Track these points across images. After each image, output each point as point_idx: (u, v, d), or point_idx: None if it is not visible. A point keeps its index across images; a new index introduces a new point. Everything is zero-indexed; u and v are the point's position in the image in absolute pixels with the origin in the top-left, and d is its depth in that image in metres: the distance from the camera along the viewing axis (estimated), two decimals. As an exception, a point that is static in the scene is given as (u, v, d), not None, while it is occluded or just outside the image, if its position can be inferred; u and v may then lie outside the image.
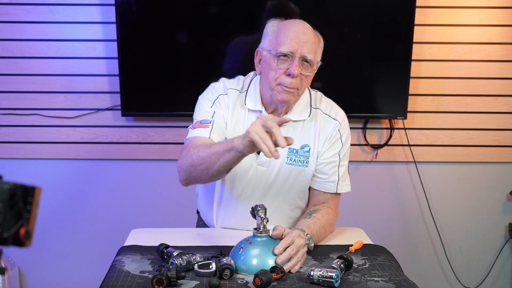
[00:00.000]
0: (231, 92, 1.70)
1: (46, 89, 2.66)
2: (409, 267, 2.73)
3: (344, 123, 1.73)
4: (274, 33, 1.61)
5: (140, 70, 2.58)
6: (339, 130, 1.71)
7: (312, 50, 1.57)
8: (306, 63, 1.58)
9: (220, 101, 1.69)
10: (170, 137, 2.71)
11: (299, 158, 1.68)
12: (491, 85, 2.72)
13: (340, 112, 1.74)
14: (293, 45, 1.55)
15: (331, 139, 1.70)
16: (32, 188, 0.81)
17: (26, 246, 0.81)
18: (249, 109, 1.68)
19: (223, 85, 1.72)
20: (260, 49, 1.66)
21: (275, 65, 1.58)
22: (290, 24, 1.60)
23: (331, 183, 1.72)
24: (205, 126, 1.63)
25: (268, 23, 1.66)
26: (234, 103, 1.69)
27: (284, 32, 1.58)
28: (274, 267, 1.37)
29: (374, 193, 2.85)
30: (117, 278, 1.37)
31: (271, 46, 1.59)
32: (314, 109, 1.71)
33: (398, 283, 1.37)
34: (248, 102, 1.68)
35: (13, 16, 2.58)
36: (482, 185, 2.85)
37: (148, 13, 2.54)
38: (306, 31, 1.58)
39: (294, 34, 1.56)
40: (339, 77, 2.61)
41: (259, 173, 1.68)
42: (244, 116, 1.68)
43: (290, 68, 1.55)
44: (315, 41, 1.60)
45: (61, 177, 2.76)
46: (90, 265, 2.83)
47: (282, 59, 1.57)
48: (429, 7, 2.63)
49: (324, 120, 1.70)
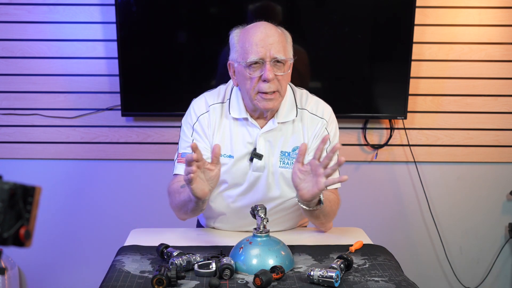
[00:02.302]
0: (213, 108, 1.69)
1: (46, 89, 2.66)
2: (409, 267, 2.73)
3: (330, 119, 1.72)
4: (239, 43, 1.59)
5: (140, 70, 2.58)
6: (326, 128, 1.70)
7: (280, 50, 1.55)
8: (279, 63, 1.56)
9: (201, 122, 1.68)
10: (170, 137, 2.71)
11: (291, 161, 1.67)
12: (491, 85, 2.72)
13: (326, 109, 1.72)
14: (260, 50, 1.53)
15: (318, 137, 1.69)
16: (32, 188, 0.81)
17: (26, 246, 0.81)
18: (233, 118, 1.67)
19: (205, 102, 1.70)
20: (231, 61, 1.64)
21: (248, 75, 1.56)
22: (252, 30, 1.58)
23: None
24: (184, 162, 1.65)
25: (231, 34, 1.64)
26: (218, 117, 1.68)
27: (248, 40, 1.56)
28: (274, 267, 1.37)
29: (374, 193, 2.85)
30: (117, 278, 1.37)
31: (240, 58, 1.58)
32: (300, 110, 1.70)
33: (398, 283, 1.37)
34: (232, 111, 1.67)
35: (13, 16, 2.58)
36: (482, 185, 2.85)
37: (148, 13, 2.54)
38: (270, 32, 1.56)
39: (258, 39, 1.54)
40: (339, 77, 2.62)
41: (255, 179, 1.68)
42: (229, 125, 1.67)
43: (263, 74, 1.54)
44: (281, 40, 1.58)
45: (61, 177, 2.76)
46: (90, 265, 2.83)
47: (253, 67, 1.56)
48: (429, 7, 2.63)
49: (311, 120, 1.69)
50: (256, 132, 1.65)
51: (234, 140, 1.66)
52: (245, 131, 1.66)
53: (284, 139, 1.67)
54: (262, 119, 1.67)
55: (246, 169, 1.67)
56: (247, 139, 1.66)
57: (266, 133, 1.65)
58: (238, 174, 1.67)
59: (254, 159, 1.64)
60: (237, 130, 1.66)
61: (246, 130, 1.66)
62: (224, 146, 1.66)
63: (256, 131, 1.65)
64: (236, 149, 1.66)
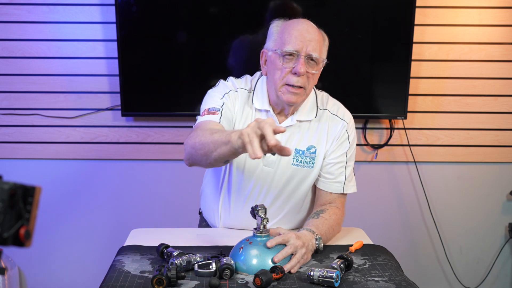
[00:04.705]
0: (241, 91, 1.70)
1: (46, 89, 2.66)
2: (409, 267, 2.73)
3: (351, 123, 1.74)
4: (278, 33, 1.61)
5: (140, 70, 2.58)
6: (347, 130, 1.71)
7: (317, 48, 1.57)
8: (312, 61, 1.58)
9: (231, 95, 1.68)
10: (170, 137, 2.71)
11: (305, 159, 1.68)
12: (491, 85, 2.72)
13: (347, 113, 1.75)
14: (298, 43, 1.55)
15: (339, 139, 1.70)
16: (32, 188, 0.81)
17: (26, 246, 0.81)
18: (256, 109, 1.68)
19: (233, 83, 1.72)
20: (265, 49, 1.66)
21: (281, 65, 1.58)
22: (294, 24, 1.60)
23: (337, 184, 1.72)
24: (214, 113, 1.63)
25: (272, 24, 1.66)
26: (243, 102, 1.69)
27: (289, 32, 1.58)
28: (274, 267, 1.37)
29: (374, 193, 2.85)
30: (117, 278, 1.37)
31: (276, 46, 1.59)
32: (321, 110, 1.72)
33: (398, 283, 1.37)
34: (255, 102, 1.68)
35: (13, 16, 2.58)
36: (482, 185, 2.85)
37: (148, 13, 2.54)
38: (311, 30, 1.58)
39: (299, 33, 1.57)
40: (339, 77, 2.61)
41: (265, 174, 1.69)
42: (252, 115, 1.68)
43: (296, 67, 1.55)
44: (320, 40, 1.60)
45: (61, 177, 2.76)
46: (90, 265, 2.83)
47: (287, 58, 1.57)
48: (429, 7, 2.63)
49: (332, 120, 1.71)
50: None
51: None
52: None
53: (300, 137, 1.68)
54: (283, 115, 1.68)
55: (258, 162, 1.67)
56: None
57: None
58: (249, 165, 1.67)
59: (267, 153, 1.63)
60: None
61: None
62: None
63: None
64: None
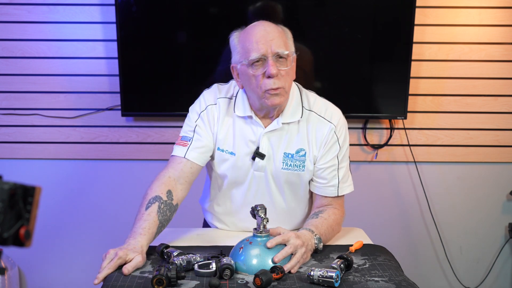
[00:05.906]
0: (221, 101, 1.69)
1: (46, 89, 2.66)
2: (409, 267, 2.73)
3: (340, 124, 1.67)
4: (239, 43, 1.59)
5: (140, 70, 2.58)
6: (336, 132, 1.66)
7: (281, 44, 1.54)
8: (281, 59, 1.55)
9: (208, 112, 1.68)
10: (170, 137, 2.71)
11: (294, 163, 1.66)
12: (491, 85, 2.72)
13: (336, 113, 1.68)
14: (261, 47, 1.52)
15: (327, 143, 1.65)
16: (32, 188, 0.81)
17: (26, 246, 0.81)
18: (238, 116, 1.66)
19: (214, 94, 1.71)
20: (234, 64, 1.63)
21: (252, 73, 1.55)
22: (251, 29, 1.58)
23: (331, 188, 1.70)
24: (183, 144, 1.66)
25: (231, 37, 1.63)
26: (224, 111, 1.68)
27: (248, 39, 1.55)
28: (274, 267, 1.37)
29: (374, 193, 2.85)
30: (117, 278, 1.37)
31: (242, 57, 1.57)
32: (307, 111, 1.67)
33: (398, 283, 1.37)
34: (236, 109, 1.66)
35: (13, 16, 2.58)
36: (482, 185, 2.85)
37: (148, 13, 2.54)
38: (269, 29, 1.56)
39: (258, 36, 1.54)
40: (339, 77, 2.62)
41: (256, 178, 1.68)
42: (233, 122, 1.67)
43: (267, 70, 1.52)
44: (281, 35, 1.57)
45: (61, 177, 2.76)
46: (90, 265, 2.83)
47: (256, 65, 1.54)
48: (429, 7, 2.63)
49: (318, 123, 1.66)
50: (260, 131, 1.64)
51: (237, 137, 1.65)
52: (249, 129, 1.65)
53: (288, 140, 1.65)
54: (268, 118, 1.65)
55: (248, 167, 1.67)
56: (250, 138, 1.65)
57: (269, 133, 1.64)
58: (240, 172, 1.68)
59: (256, 158, 1.64)
60: (241, 128, 1.66)
61: (250, 128, 1.65)
62: (226, 143, 1.66)
63: (260, 130, 1.64)
64: (239, 146, 1.65)
